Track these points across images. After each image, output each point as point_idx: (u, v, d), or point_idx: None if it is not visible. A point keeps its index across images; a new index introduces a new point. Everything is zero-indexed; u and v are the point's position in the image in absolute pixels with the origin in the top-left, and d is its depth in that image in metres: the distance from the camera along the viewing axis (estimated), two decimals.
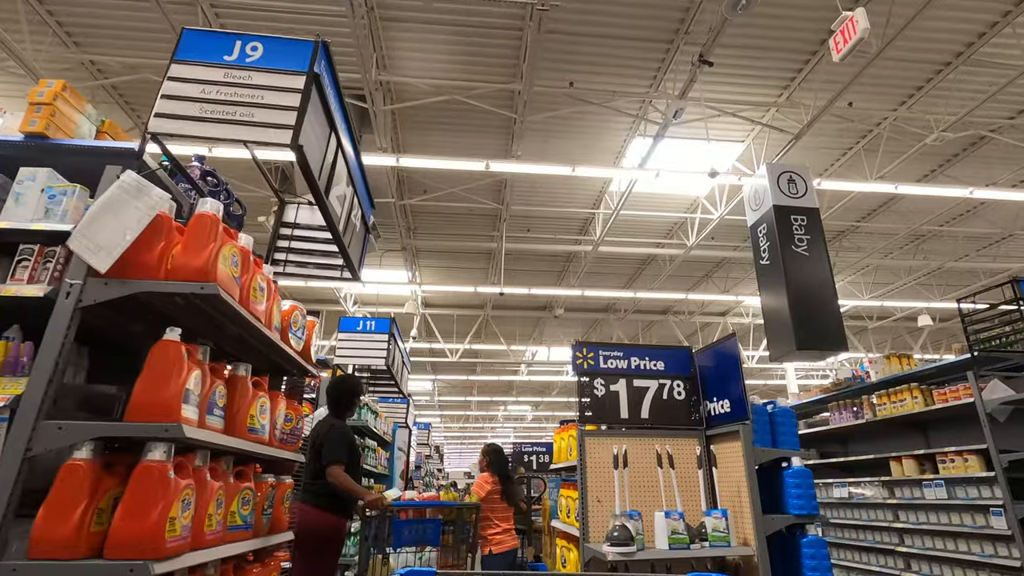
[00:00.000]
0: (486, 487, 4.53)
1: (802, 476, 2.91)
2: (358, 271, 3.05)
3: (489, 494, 4.47)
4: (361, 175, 2.97)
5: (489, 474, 4.62)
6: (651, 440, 3.27)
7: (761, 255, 6.94)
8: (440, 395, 25.64)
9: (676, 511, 2.83)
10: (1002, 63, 6.85)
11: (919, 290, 13.72)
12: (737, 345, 3.21)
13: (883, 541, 5.48)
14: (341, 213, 2.47)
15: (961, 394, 4.65)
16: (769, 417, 3.15)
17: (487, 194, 9.62)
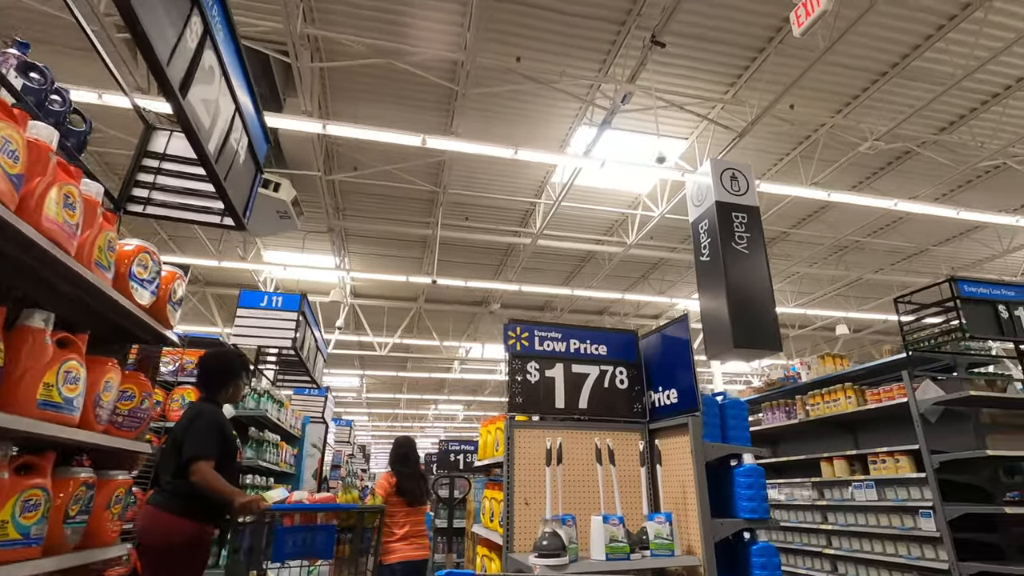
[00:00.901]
0: (385, 485, 4.00)
1: (754, 475, 2.59)
2: (243, 218, 2.45)
3: (388, 494, 3.94)
4: (251, 96, 2.38)
5: (391, 472, 4.10)
6: (590, 433, 2.86)
7: (701, 252, 6.78)
8: (368, 392, 24.58)
9: (616, 515, 2.43)
10: (931, 78, 7.07)
11: (838, 300, 14.35)
12: (688, 328, 2.87)
13: (811, 543, 5.40)
14: (210, 127, 1.89)
15: (895, 394, 4.59)
16: (719, 409, 2.82)
17: (424, 176, 9.04)
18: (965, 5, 6.14)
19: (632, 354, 3.17)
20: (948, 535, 3.98)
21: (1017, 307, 4.25)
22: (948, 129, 8.06)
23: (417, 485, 4.19)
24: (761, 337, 6.09)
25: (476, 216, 10.48)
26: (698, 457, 2.57)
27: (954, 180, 9.28)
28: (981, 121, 7.86)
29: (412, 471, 4.21)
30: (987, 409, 4.46)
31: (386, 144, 7.32)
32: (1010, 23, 6.28)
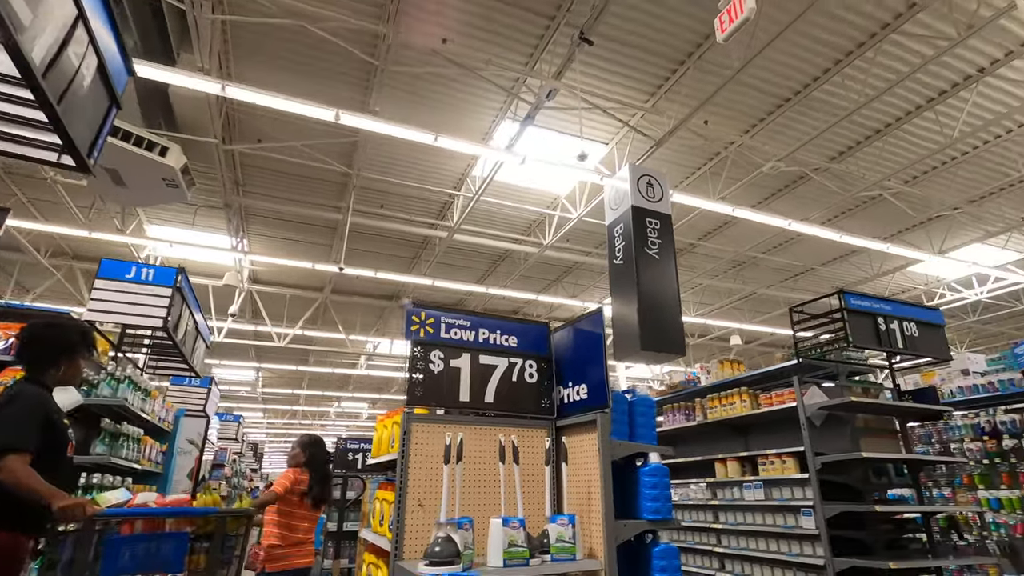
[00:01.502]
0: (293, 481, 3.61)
1: (660, 475, 2.51)
2: (89, 158, 2.00)
3: (290, 492, 3.55)
4: (105, 9, 1.93)
5: (300, 470, 3.72)
6: (494, 429, 2.66)
7: (616, 255, 6.85)
8: (265, 386, 22.99)
9: (516, 517, 2.24)
10: (827, 108, 7.64)
11: (734, 312, 15.32)
12: (602, 322, 2.76)
13: (702, 542, 5.56)
14: (33, 26, 1.47)
15: (785, 399, 4.82)
16: (628, 406, 2.73)
17: (337, 156, 8.48)
18: (860, 43, 6.67)
19: (544, 347, 3.02)
20: (825, 532, 4.20)
21: (893, 320, 4.62)
22: (838, 159, 8.77)
23: (328, 486, 3.93)
24: (667, 341, 6.22)
25: (391, 204, 10.03)
26: (605, 455, 2.45)
27: (839, 206, 10.16)
28: (864, 153, 8.64)
29: (325, 472, 3.92)
30: (862, 415, 4.80)
31: (295, 116, 6.74)
32: (894, 65, 6.91)
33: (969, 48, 6.70)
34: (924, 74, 7.09)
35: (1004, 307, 14.28)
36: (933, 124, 7.96)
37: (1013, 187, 9.52)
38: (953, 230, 10.90)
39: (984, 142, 8.44)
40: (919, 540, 4.68)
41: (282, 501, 3.51)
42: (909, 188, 9.36)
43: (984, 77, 7.09)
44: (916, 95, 7.51)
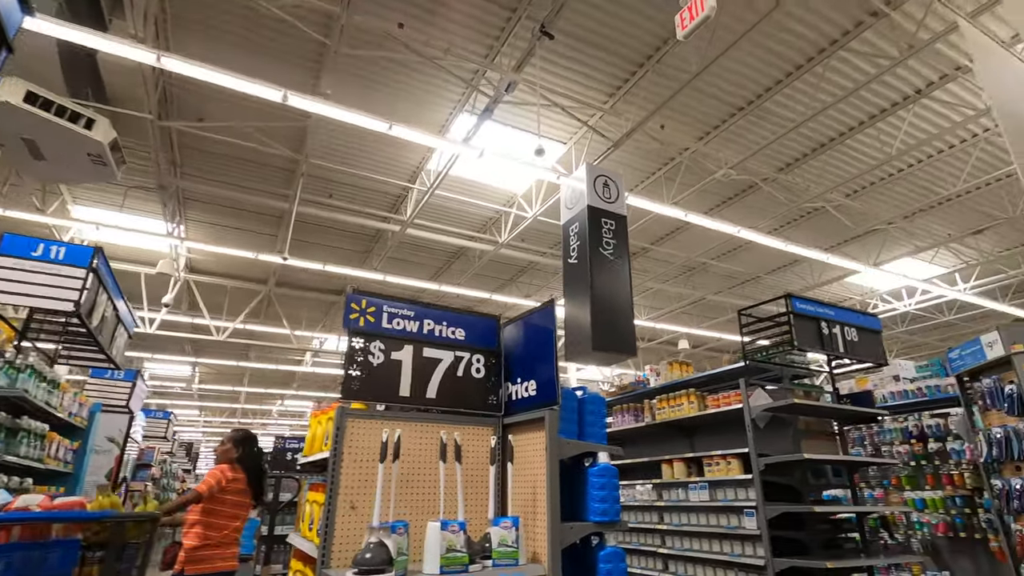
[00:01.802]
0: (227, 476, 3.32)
1: (608, 475, 2.41)
2: None
3: (217, 491, 3.26)
4: None
5: (231, 466, 3.43)
6: (436, 426, 2.50)
7: (570, 254, 6.80)
8: (202, 382, 21.86)
9: (456, 520, 2.09)
10: (778, 119, 7.86)
11: (683, 317, 15.67)
12: (554, 316, 2.64)
13: (647, 543, 5.55)
14: None
15: (732, 400, 4.86)
16: (578, 404, 2.62)
17: (285, 140, 8.07)
18: (810, 58, 6.88)
19: (493, 341, 2.88)
20: (766, 533, 4.25)
21: (835, 325, 4.74)
22: (785, 169, 9.05)
23: (263, 484, 3.66)
24: (619, 341, 6.22)
25: (342, 194, 9.66)
26: (552, 454, 2.33)
27: (785, 216, 10.51)
28: (810, 166, 8.95)
29: (260, 468, 3.65)
30: (803, 417, 4.91)
31: (240, 95, 6.33)
32: (841, 81, 7.17)
33: (909, 69, 7.03)
34: (867, 91, 7.39)
35: (929, 319, 15.20)
36: (874, 140, 8.33)
37: (942, 205, 10.10)
38: (887, 244, 11.48)
39: (918, 161, 8.90)
40: (853, 540, 4.81)
41: (208, 499, 3.22)
42: (850, 201, 9.78)
43: (921, 98, 7.46)
44: (859, 112, 7.83)
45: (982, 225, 10.57)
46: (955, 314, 14.78)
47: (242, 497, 3.45)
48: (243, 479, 3.47)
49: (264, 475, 3.60)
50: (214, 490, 3.28)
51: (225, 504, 3.33)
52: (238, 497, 3.42)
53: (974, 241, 11.44)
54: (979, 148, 8.56)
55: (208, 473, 3.41)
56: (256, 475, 3.57)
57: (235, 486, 3.40)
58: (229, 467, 3.45)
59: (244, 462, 3.54)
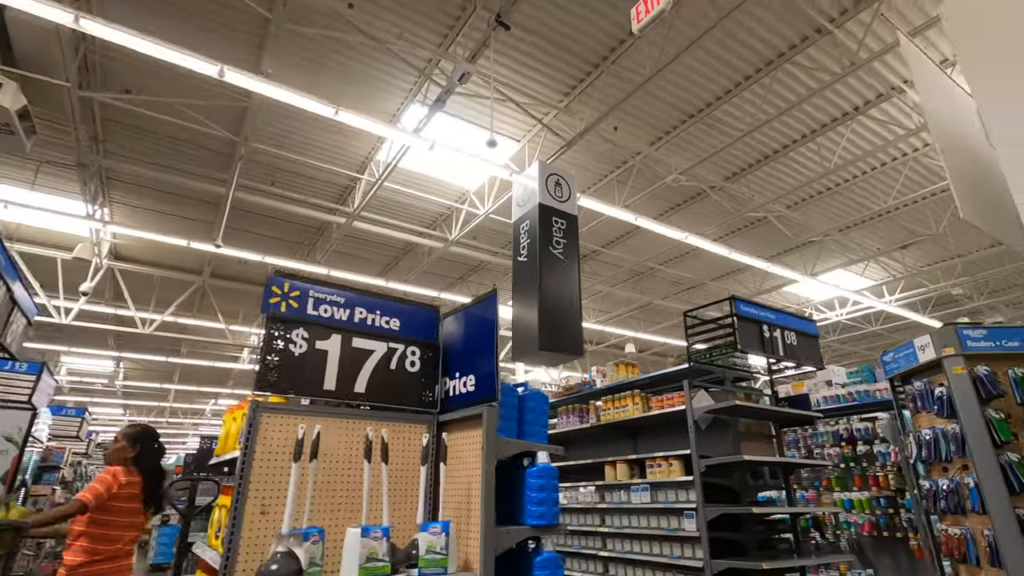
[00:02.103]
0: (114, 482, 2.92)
1: (547, 476, 2.27)
2: None
3: (107, 498, 2.87)
4: None
5: (125, 468, 3.04)
6: (362, 422, 2.29)
7: (520, 252, 6.69)
8: (128, 379, 20.45)
9: (379, 526, 1.90)
10: (727, 128, 8.03)
11: (630, 321, 15.89)
12: (495, 307, 2.49)
13: (588, 546, 5.48)
14: None
15: (675, 402, 4.86)
16: (519, 401, 2.48)
17: (223, 121, 7.58)
18: (758, 69, 7.05)
19: (431, 333, 2.70)
20: (705, 534, 4.24)
21: (776, 328, 4.83)
22: (732, 179, 9.29)
23: (162, 488, 3.24)
24: (566, 341, 6.16)
25: (285, 182, 9.20)
26: (489, 454, 2.17)
27: (731, 225, 10.80)
28: (755, 176, 9.22)
29: (159, 470, 3.25)
30: (744, 419, 4.97)
31: (171, 68, 5.87)
32: (785, 94, 7.39)
33: (848, 87, 7.33)
34: (810, 106, 7.67)
35: (858, 329, 16.04)
36: (814, 155, 8.65)
37: (874, 220, 10.64)
38: (823, 256, 12.01)
39: (854, 176, 9.32)
40: (787, 540, 4.90)
41: (97, 508, 2.82)
42: (790, 213, 10.14)
43: (858, 115, 7.80)
44: (802, 125, 8.11)
45: (908, 241, 11.21)
46: (881, 324, 15.65)
47: (137, 503, 3.05)
48: (138, 483, 3.06)
49: (163, 478, 3.20)
50: (102, 498, 2.86)
51: (117, 513, 2.92)
52: (132, 504, 3.01)
53: (900, 256, 12.13)
54: (908, 167, 9.05)
55: (96, 478, 2.98)
56: (154, 479, 3.15)
57: (129, 491, 2.99)
58: (123, 469, 3.04)
59: (141, 463, 3.12)
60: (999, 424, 2.61)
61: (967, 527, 2.71)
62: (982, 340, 2.77)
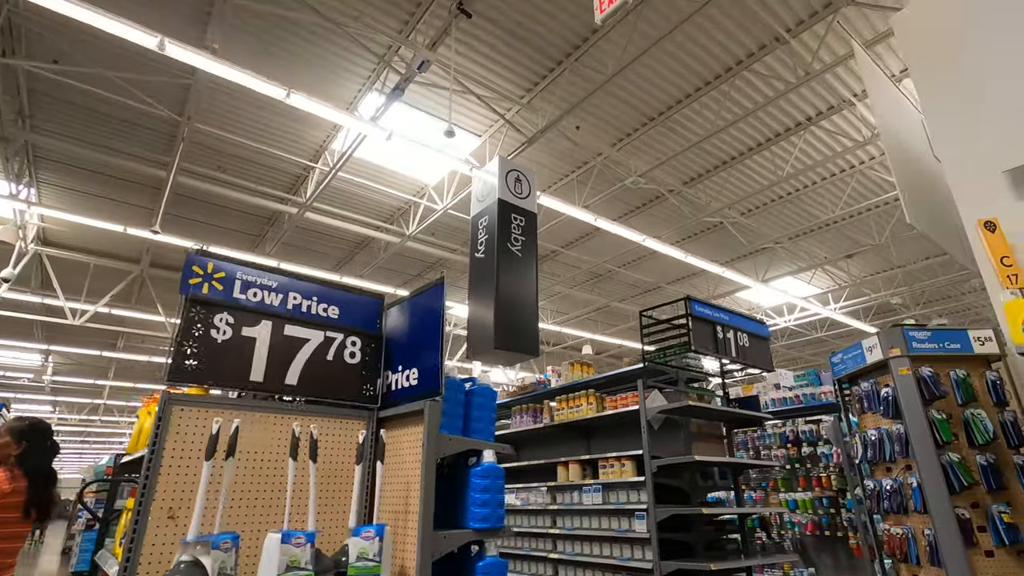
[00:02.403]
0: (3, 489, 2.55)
1: (492, 476, 2.14)
2: None
3: None
4: None
5: (7, 472, 2.60)
6: (288, 417, 2.10)
7: (477, 248, 6.57)
8: (56, 373, 19.14)
9: (303, 531, 1.72)
10: (686, 133, 8.13)
11: (587, 323, 15.97)
12: (443, 295, 2.34)
13: (538, 548, 5.38)
14: None
15: (629, 401, 4.81)
16: (465, 396, 2.34)
17: (164, 98, 7.13)
18: (717, 75, 7.15)
19: (373, 323, 2.52)
20: (655, 535, 4.20)
21: (729, 329, 4.85)
22: (689, 183, 9.41)
23: (52, 492, 2.83)
24: (522, 340, 6.06)
25: (234, 169, 8.76)
26: (429, 451, 2.02)
27: (688, 229, 10.96)
28: (712, 182, 9.37)
29: (48, 472, 2.82)
30: (695, 420, 4.97)
31: (108, 38, 5.45)
32: (743, 101, 7.53)
33: (802, 98, 7.52)
34: (766, 115, 7.84)
35: (804, 335, 16.62)
36: (768, 163, 8.87)
37: (822, 229, 11.01)
38: (774, 263, 12.36)
39: (804, 186, 9.61)
40: (735, 541, 4.93)
41: None
42: (744, 219, 10.37)
43: (810, 126, 8.02)
44: (758, 134, 8.28)
45: (853, 250, 11.65)
46: (826, 331, 16.27)
47: (19, 512, 2.58)
48: (23, 488, 2.61)
49: (54, 483, 2.76)
50: None
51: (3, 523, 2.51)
52: (14, 513, 2.56)
53: (845, 265, 12.63)
54: (855, 180, 9.40)
55: None
56: (41, 482, 2.70)
57: (12, 500, 2.55)
58: (5, 472, 2.59)
59: (27, 463, 2.67)
60: (941, 424, 2.65)
61: (909, 527, 2.74)
62: (926, 342, 2.81)
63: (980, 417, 2.65)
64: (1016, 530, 2.51)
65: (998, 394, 2.73)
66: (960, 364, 2.79)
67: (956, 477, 2.55)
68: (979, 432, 2.63)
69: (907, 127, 4.69)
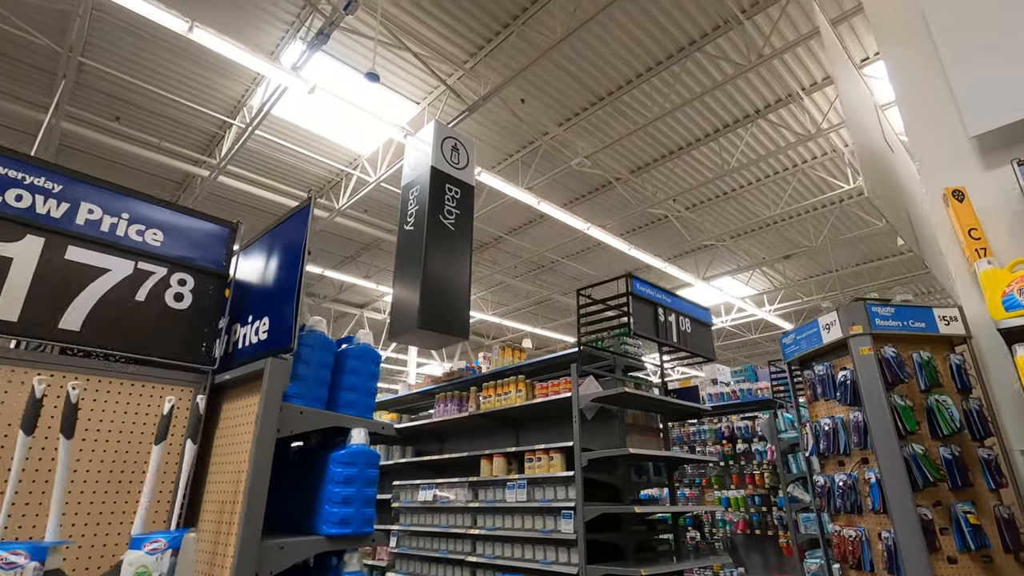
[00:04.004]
0: None
1: (361, 463, 1.58)
2: None
3: None
4: None
5: None
6: (31, 371, 1.46)
7: (407, 219, 5.96)
8: None
9: (28, 543, 1.10)
10: (636, 114, 7.79)
11: (528, 316, 15.57)
12: (307, 224, 1.75)
13: (456, 550, 4.84)
14: None
15: (561, 388, 4.36)
16: (336, 359, 1.76)
17: (43, 26, 6.07)
18: (669, 55, 6.83)
19: (217, 259, 1.89)
20: (583, 537, 3.76)
21: (671, 313, 4.48)
22: (636, 172, 9.13)
23: None
24: (449, 321, 5.48)
25: (135, 120, 7.71)
26: (266, 427, 1.44)
27: (633, 222, 10.71)
28: (659, 171, 9.12)
29: None
30: (631, 411, 4.58)
31: None
32: (693, 86, 7.26)
33: (751, 86, 7.34)
34: (715, 103, 7.62)
35: (739, 336, 16.89)
36: (715, 156, 8.70)
37: (763, 229, 11.04)
38: (715, 260, 12.35)
39: (748, 183, 9.54)
40: (667, 541, 4.57)
41: None
42: (689, 214, 10.22)
43: (758, 119, 7.88)
44: (706, 123, 8.07)
45: (791, 251, 11.78)
46: (760, 333, 16.59)
47: None
48: None
49: None
50: None
51: None
52: None
53: (782, 267, 12.80)
54: (796, 179, 9.40)
55: None
56: None
57: None
58: None
59: None
60: (904, 412, 2.32)
61: (863, 528, 2.39)
62: (890, 319, 2.49)
63: (945, 404, 2.33)
64: (982, 533, 2.20)
65: (962, 380, 2.43)
66: (924, 345, 2.48)
67: (920, 472, 2.21)
68: (944, 422, 2.31)
69: (864, 108, 4.48)
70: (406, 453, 6.10)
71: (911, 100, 2.99)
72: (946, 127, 2.85)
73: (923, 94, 2.96)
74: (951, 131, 2.83)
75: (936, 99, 2.93)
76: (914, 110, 2.99)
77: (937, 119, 2.90)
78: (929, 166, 2.87)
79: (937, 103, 2.92)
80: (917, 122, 2.99)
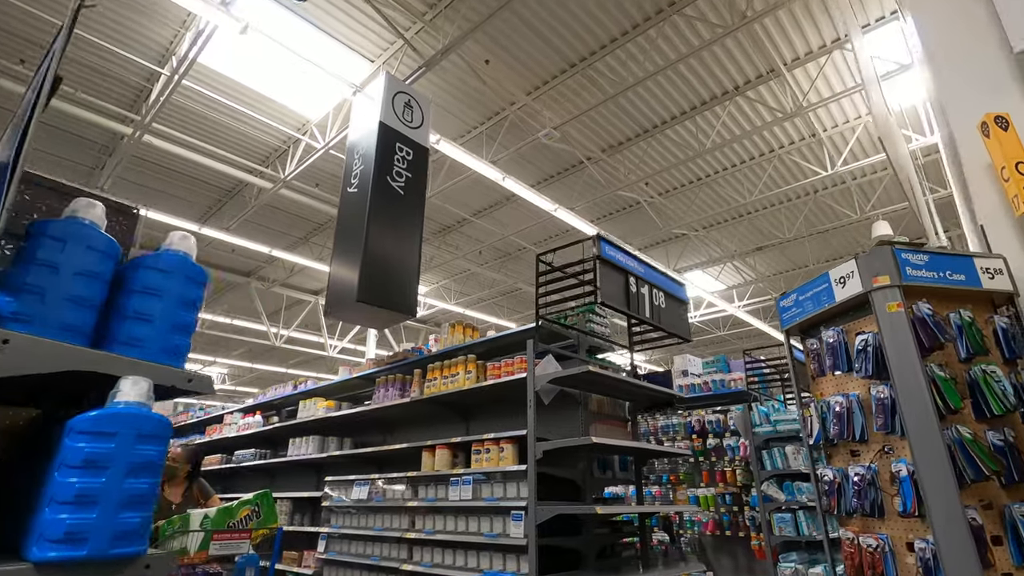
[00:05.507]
0: None
1: (124, 432, 0.91)
2: None
3: None
4: None
5: None
6: None
7: (351, 181, 5.26)
8: None
9: None
10: (608, 86, 7.23)
11: (493, 307, 14.93)
12: None
13: (390, 557, 4.17)
14: None
15: (516, 368, 3.75)
16: (117, 268, 1.09)
17: None
18: (647, 17, 6.30)
19: None
20: (534, 542, 3.15)
21: (644, 284, 3.92)
22: (608, 151, 8.59)
23: None
24: (393, 295, 4.79)
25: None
26: None
27: (604, 207, 10.19)
28: (632, 152, 8.61)
29: None
30: (596, 396, 4.00)
31: None
32: (669, 54, 6.74)
33: (730, 59, 6.87)
34: (692, 76, 7.13)
35: (708, 332, 16.61)
36: (691, 135, 8.22)
37: (736, 220, 10.67)
38: (687, 251, 11.94)
39: (724, 168, 9.12)
40: (632, 546, 4.01)
41: None
42: (662, 200, 9.75)
43: (736, 95, 7.42)
44: (683, 99, 7.58)
45: (763, 243, 11.44)
46: (728, 330, 16.33)
47: None
48: None
49: None
50: None
51: None
52: None
53: (753, 261, 12.49)
54: (772, 165, 9.02)
55: None
56: None
57: None
58: None
59: None
60: (946, 385, 1.79)
61: (885, 535, 1.85)
62: (923, 268, 1.96)
63: (996, 376, 1.81)
64: None
65: (1010, 347, 1.91)
66: (965, 303, 1.96)
67: (970, 462, 1.68)
68: (994, 398, 1.79)
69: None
70: (343, 445, 5.39)
71: (942, 13, 2.46)
72: (985, 44, 2.33)
73: (957, 5, 2.43)
74: (991, 49, 2.31)
75: (972, 12, 2.40)
76: (946, 26, 2.46)
77: (973, 35, 2.38)
78: (962, 91, 2.34)
79: (973, 17, 2.40)
80: (948, 41, 2.47)
